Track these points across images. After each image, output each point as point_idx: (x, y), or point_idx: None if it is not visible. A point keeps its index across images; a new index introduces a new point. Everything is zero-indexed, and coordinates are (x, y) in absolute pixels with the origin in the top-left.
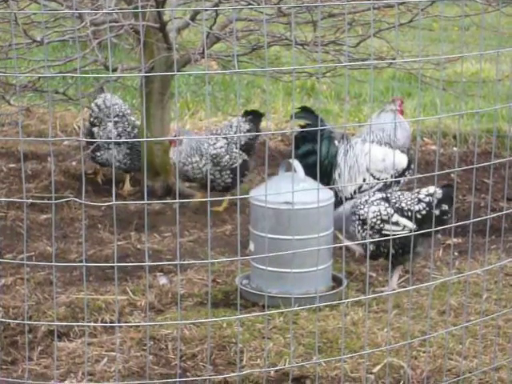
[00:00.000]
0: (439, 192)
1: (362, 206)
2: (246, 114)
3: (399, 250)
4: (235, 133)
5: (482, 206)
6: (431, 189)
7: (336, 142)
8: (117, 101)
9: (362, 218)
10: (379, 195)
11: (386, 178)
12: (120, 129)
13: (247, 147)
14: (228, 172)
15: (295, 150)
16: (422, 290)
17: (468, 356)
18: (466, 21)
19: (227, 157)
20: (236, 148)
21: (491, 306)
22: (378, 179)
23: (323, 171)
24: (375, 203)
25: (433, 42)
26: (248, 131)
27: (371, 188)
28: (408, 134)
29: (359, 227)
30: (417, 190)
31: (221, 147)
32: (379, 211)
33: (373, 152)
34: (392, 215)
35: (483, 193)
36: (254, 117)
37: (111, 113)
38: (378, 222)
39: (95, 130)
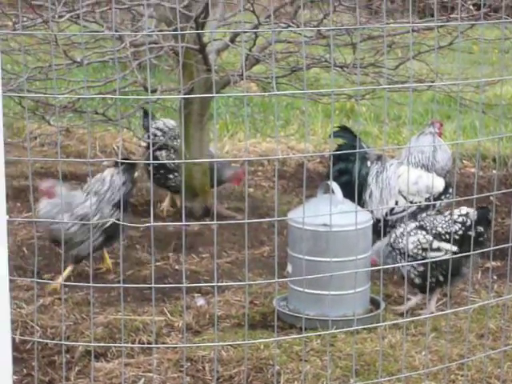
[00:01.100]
0: (473, 213)
1: (400, 240)
2: (118, 164)
3: (447, 275)
4: (108, 188)
5: None
6: (463, 209)
7: (368, 163)
8: (174, 123)
9: (402, 251)
10: (413, 225)
11: (420, 202)
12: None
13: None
14: (98, 233)
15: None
16: (460, 314)
17: (506, 380)
18: (506, 43)
19: (98, 215)
20: (108, 206)
21: None
22: (411, 202)
23: (353, 191)
24: (412, 233)
25: (473, 64)
26: (124, 184)
27: (404, 211)
28: (449, 156)
29: (402, 261)
30: (448, 212)
31: (90, 206)
32: (418, 240)
33: (406, 174)
34: (432, 242)
35: None
36: (128, 167)
37: (174, 134)
38: (420, 251)
39: (162, 153)
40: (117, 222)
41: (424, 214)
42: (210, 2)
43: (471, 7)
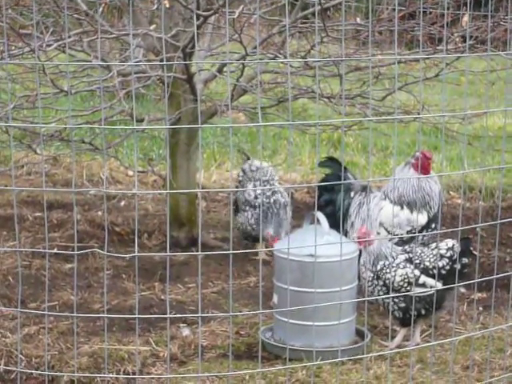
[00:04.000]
0: (457, 246)
1: (387, 270)
2: None
3: (429, 309)
4: None
5: (507, 261)
6: (449, 242)
7: (352, 194)
8: (264, 165)
9: (387, 282)
10: (402, 257)
11: (402, 234)
12: (258, 191)
13: None
14: None
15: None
16: (445, 345)
17: None
18: (492, 75)
19: None
20: None
21: None
22: (393, 234)
23: (337, 222)
24: (401, 266)
25: (461, 95)
26: None
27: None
28: (438, 188)
29: (381, 292)
30: (434, 245)
31: None
32: (406, 274)
33: (387, 207)
34: (419, 277)
35: (509, 247)
36: None
37: (254, 176)
38: (405, 285)
39: (238, 194)
40: (101, 251)
41: (408, 247)
42: (198, 32)
43: (457, 39)
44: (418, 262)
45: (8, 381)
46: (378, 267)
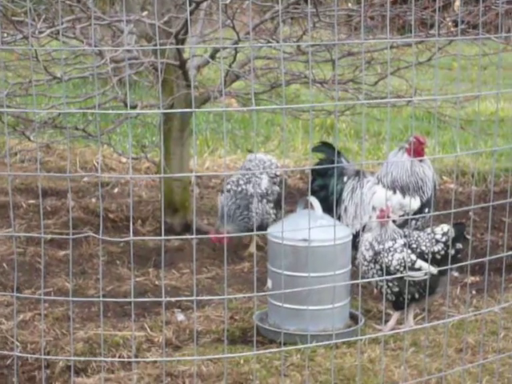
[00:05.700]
0: (451, 231)
1: (385, 254)
2: None
3: (423, 293)
4: None
5: (499, 245)
6: (445, 227)
7: (345, 179)
8: (264, 157)
9: (383, 266)
10: (401, 241)
11: (394, 218)
12: (237, 177)
13: None
14: None
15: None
16: (439, 328)
17: None
18: (484, 60)
19: None
20: None
21: (508, 344)
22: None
23: (330, 206)
24: (399, 250)
25: (453, 80)
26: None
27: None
28: (427, 173)
29: (376, 276)
30: (429, 230)
31: None
32: (403, 258)
33: (379, 191)
34: (415, 262)
35: (501, 231)
36: None
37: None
38: (402, 269)
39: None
40: (96, 235)
41: (406, 230)
42: (190, 18)
43: (449, 24)
44: (414, 246)
45: (4, 367)
46: (376, 250)
